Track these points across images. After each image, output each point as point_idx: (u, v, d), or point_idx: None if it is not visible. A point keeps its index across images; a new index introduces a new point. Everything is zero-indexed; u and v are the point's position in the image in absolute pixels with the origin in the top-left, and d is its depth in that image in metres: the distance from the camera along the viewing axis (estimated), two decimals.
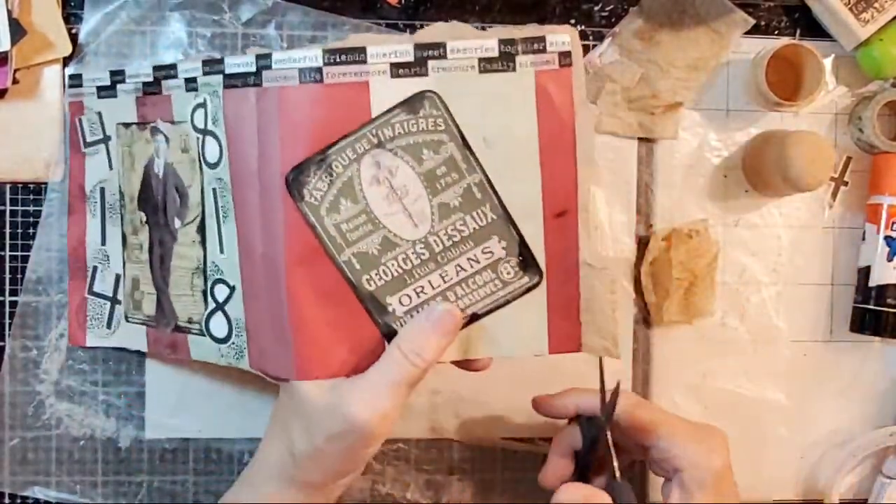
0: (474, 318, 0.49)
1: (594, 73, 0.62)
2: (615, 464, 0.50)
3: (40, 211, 0.59)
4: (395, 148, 0.47)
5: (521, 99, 0.47)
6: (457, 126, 0.47)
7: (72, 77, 0.58)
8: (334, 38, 0.61)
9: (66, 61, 0.59)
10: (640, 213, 0.63)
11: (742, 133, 0.64)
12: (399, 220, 0.47)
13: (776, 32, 0.64)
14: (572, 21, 0.62)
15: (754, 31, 0.63)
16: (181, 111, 0.52)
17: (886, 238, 0.62)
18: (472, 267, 0.48)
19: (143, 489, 0.61)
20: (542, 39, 0.47)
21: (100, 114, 0.57)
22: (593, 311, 0.50)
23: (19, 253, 0.59)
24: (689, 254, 0.62)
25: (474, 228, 0.48)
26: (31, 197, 0.59)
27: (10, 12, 0.56)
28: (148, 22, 0.60)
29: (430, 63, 0.46)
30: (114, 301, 0.58)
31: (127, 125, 0.56)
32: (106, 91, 0.56)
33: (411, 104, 0.46)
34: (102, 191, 0.58)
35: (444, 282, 0.48)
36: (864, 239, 0.64)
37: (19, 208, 0.59)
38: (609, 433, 0.51)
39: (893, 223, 0.62)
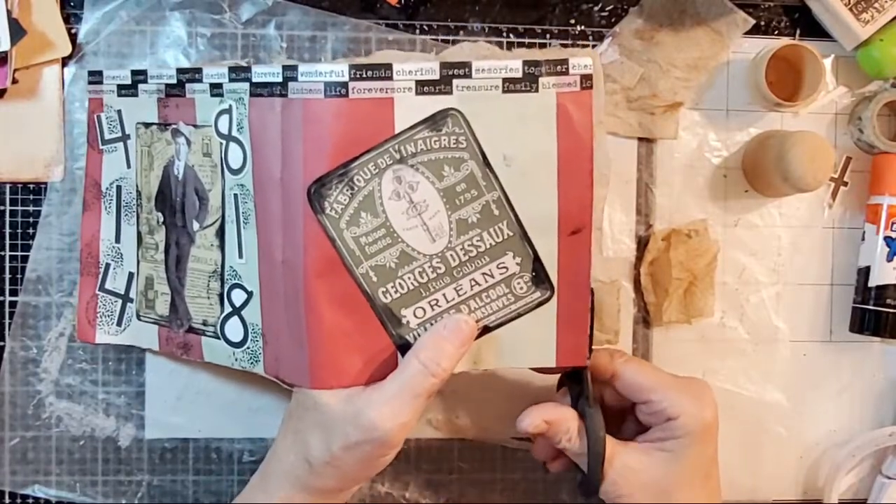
0: (485, 329, 0.50)
1: None
2: (590, 390, 0.51)
3: (40, 211, 0.59)
4: (417, 164, 0.47)
5: (543, 119, 0.47)
6: (478, 144, 0.47)
7: (91, 73, 0.58)
8: (334, 37, 0.61)
9: (65, 61, 0.59)
10: (639, 213, 0.63)
11: (742, 133, 0.64)
12: (417, 235, 0.48)
13: (776, 32, 0.64)
14: (572, 21, 0.62)
15: (754, 31, 0.63)
16: (205, 115, 0.52)
17: (886, 238, 0.62)
18: (486, 281, 0.49)
19: (142, 488, 0.61)
20: (565, 62, 0.47)
21: (119, 112, 0.57)
22: (601, 317, 0.51)
23: (19, 253, 0.59)
24: (688, 254, 0.62)
25: (490, 244, 0.49)
26: (31, 197, 0.59)
27: (9, 12, 0.56)
28: (148, 21, 0.60)
29: (455, 82, 0.47)
30: (125, 299, 0.58)
31: (147, 125, 0.56)
32: (126, 90, 0.56)
33: (434, 121, 0.47)
34: (119, 189, 0.58)
35: (459, 295, 0.49)
36: (863, 239, 0.64)
37: (19, 208, 0.59)
38: (588, 364, 0.51)
39: (893, 223, 0.62)
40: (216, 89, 0.51)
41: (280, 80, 0.47)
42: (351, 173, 0.46)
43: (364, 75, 0.46)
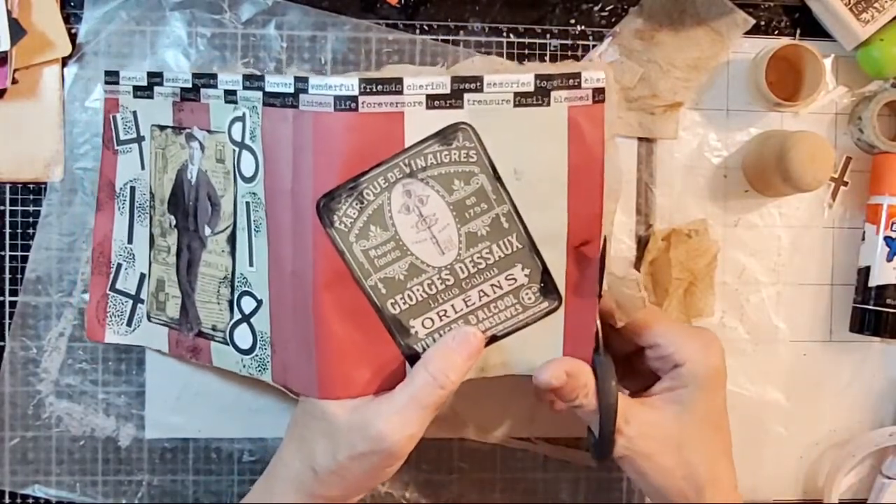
0: (493, 338, 0.50)
1: None
2: (600, 338, 0.50)
3: (40, 211, 0.59)
4: (427, 178, 0.47)
5: (554, 133, 0.47)
6: (488, 158, 0.47)
7: (108, 73, 0.58)
8: (334, 37, 0.61)
9: (65, 61, 0.59)
10: (639, 213, 0.63)
11: (742, 133, 0.64)
12: (427, 248, 0.48)
13: (776, 32, 0.64)
14: (572, 21, 0.62)
15: (754, 31, 0.63)
16: (218, 121, 0.52)
17: (886, 238, 0.62)
18: (494, 292, 0.49)
19: (142, 488, 0.61)
20: (577, 75, 0.47)
21: (135, 113, 0.57)
22: (626, 308, 0.50)
23: (19, 253, 0.59)
24: (688, 254, 0.62)
25: (499, 256, 0.49)
26: (31, 197, 0.59)
27: (9, 12, 0.56)
28: (148, 21, 0.60)
29: (466, 96, 0.46)
30: (136, 300, 0.58)
31: (162, 128, 0.56)
32: (142, 91, 0.56)
33: (445, 135, 0.46)
34: (133, 190, 0.58)
35: (467, 306, 0.49)
36: (863, 239, 0.64)
37: (19, 208, 0.59)
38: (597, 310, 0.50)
39: (893, 223, 0.62)
40: (230, 96, 0.51)
41: (292, 90, 0.47)
42: (360, 187, 0.46)
43: (374, 89, 0.45)
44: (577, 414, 0.50)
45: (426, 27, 0.61)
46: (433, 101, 0.46)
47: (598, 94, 0.47)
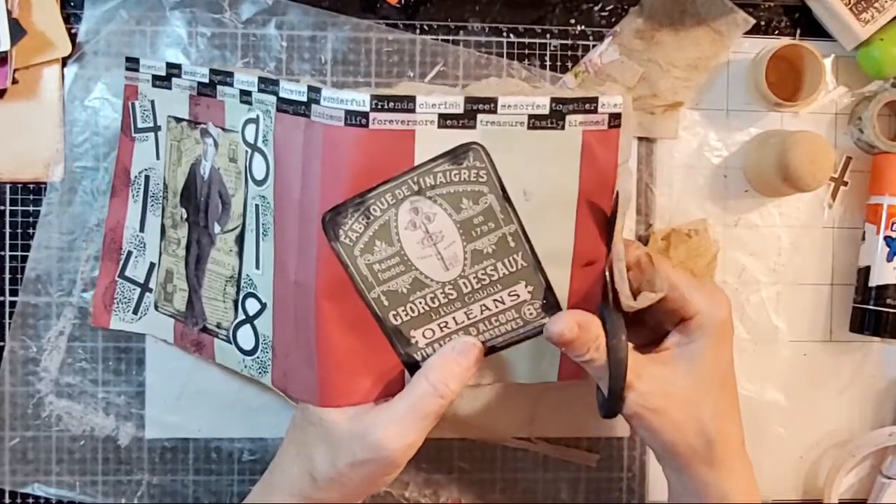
0: (492, 349, 0.50)
1: (594, 72, 0.62)
2: (610, 293, 0.49)
3: (40, 211, 0.59)
4: (435, 196, 0.47)
5: (566, 157, 0.47)
6: (498, 178, 0.47)
7: (128, 59, 0.58)
8: (334, 37, 0.61)
9: (65, 61, 0.59)
10: (639, 213, 0.63)
11: (742, 133, 0.64)
12: (431, 263, 0.48)
13: (776, 32, 0.64)
14: (572, 21, 0.62)
15: (754, 31, 0.63)
16: (233, 120, 0.52)
17: (886, 238, 0.62)
18: (496, 307, 0.49)
19: (142, 487, 0.61)
20: (594, 100, 0.46)
21: (153, 102, 0.57)
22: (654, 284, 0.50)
23: (19, 253, 0.59)
24: (688, 253, 0.62)
25: (504, 273, 0.48)
26: (31, 197, 0.59)
27: (9, 12, 0.56)
28: (148, 21, 0.60)
29: (480, 116, 0.46)
30: (145, 288, 0.58)
31: (178, 120, 0.56)
32: (161, 81, 0.56)
33: (455, 154, 0.46)
34: (147, 178, 0.58)
35: (468, 318, 0.49)
36: (863, 239, 0.64)
37: (19, 208, 0.59)
38: (609, 264, 0.50)
39: (893, 223, 0.62)
40: (245, 96, 0.51)
41: (304, 99, 0.46)
42: (368, 203, 0.46)
43: (385, 106, 0.45)
44: (586, 369, 0.49)
45: (426, 27, 0.61)
46: (445, 120, 0.45)
47: (615, 119, 0.47)
